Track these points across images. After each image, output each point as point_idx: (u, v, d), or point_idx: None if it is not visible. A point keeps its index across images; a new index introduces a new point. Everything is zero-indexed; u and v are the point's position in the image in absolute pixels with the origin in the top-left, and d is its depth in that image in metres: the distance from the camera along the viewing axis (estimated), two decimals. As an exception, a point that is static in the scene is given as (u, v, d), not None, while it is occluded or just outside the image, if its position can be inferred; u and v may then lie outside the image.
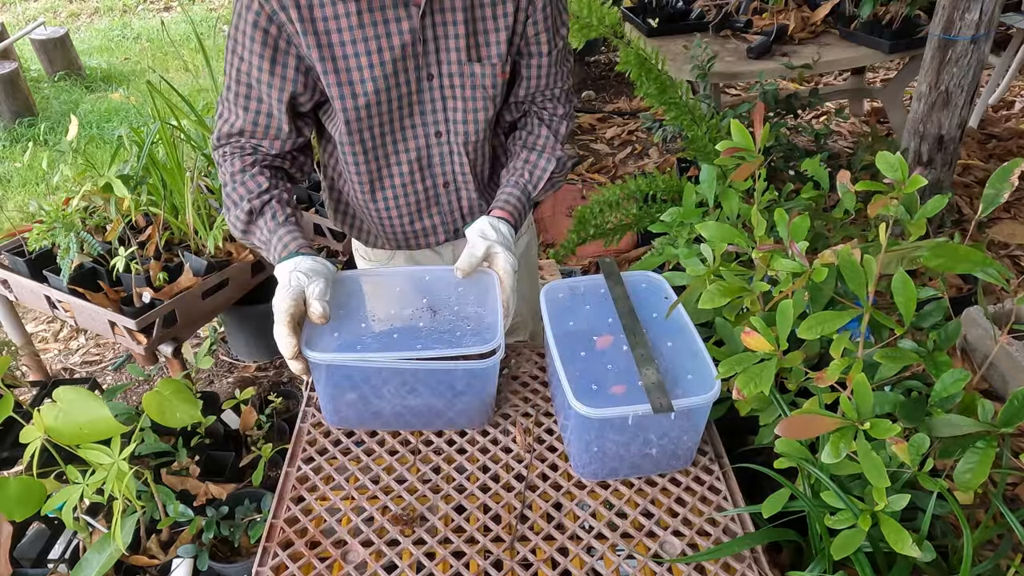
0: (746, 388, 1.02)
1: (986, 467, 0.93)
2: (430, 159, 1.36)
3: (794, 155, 2.51)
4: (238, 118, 1.25)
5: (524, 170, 1.37)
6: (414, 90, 1.27)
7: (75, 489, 1.28)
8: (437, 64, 1.25)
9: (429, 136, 1.33)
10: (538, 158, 1.38)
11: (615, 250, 3.12)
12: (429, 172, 1.37)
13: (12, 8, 6.82)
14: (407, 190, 1.38)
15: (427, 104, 1.29)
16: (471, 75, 1.27)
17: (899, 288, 0.98)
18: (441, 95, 1.29)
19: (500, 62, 1.28)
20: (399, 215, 1.42)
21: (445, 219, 1.46)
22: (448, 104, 1.30)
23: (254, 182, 1.24)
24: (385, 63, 1.21)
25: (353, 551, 1.06)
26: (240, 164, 1.26)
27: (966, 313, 1.93)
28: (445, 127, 1.32)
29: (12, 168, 4.09)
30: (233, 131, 1.26)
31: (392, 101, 1.26)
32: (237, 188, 1.25)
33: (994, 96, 3.97)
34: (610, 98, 4.75)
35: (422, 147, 1.34)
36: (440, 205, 1.43)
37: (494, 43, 1.26)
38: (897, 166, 1.04)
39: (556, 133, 1.39)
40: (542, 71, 1.34)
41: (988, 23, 2.24)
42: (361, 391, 1.18)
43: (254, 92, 1.22)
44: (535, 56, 1.32)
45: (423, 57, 1.23)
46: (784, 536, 1.11)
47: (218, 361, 2.75)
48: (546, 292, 1.26)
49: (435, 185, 1.40)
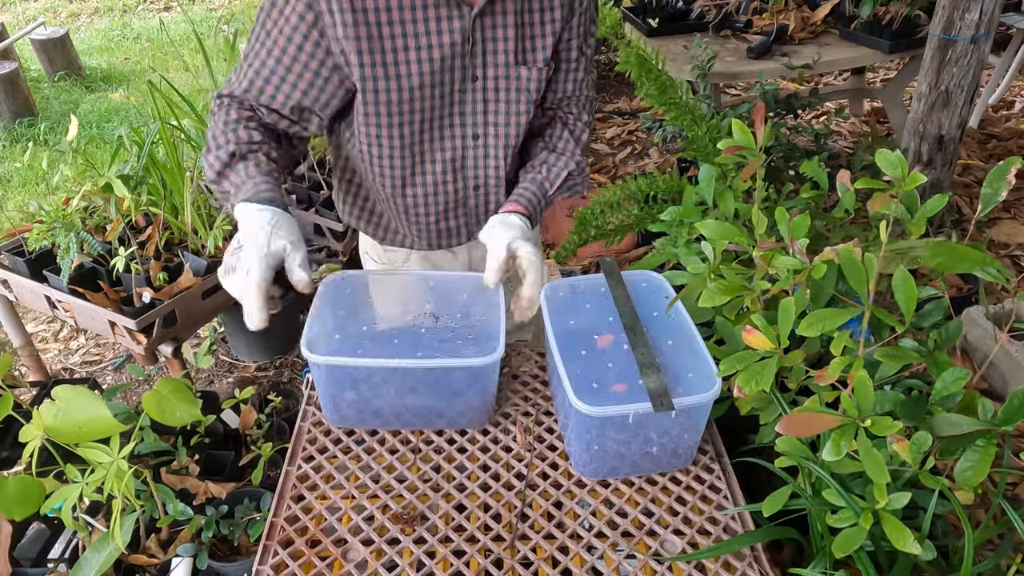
0: (747, 386, 1.02)
1: (986, 465, 0.93)
2: (464, 160, 1.35)
3: (794, 155, 2.51)
4: (249, 83, 1.20)
5: (541, 168, 1.37)
6: (456, 90, 1.26)
7: (74, 488, 1.28)
8: (483, 67, 1.25)
9: (467, 138, 1.33)
10: (556, 159, 1.38)
11: (616, 250, 3.12)
12: (462, 174, 1.37)
13: (12, 8, 6.82)
14: (438, 190, 1.37)
15: (468, 106, 1.29)
16: (516, 78, 1.27)
17: (900, 287, 0.98)
18: (483, 98, 1.29)
19: (545, 66, 1.28)
20: (427, 213, 1.40)
21: (470, 221, 1.46)
22: (489, 107, 1.30)
23: (246, 132, 1.17)
24: (433, 60, 1.20)
25: (353, 549, 1.06)
26: (236, 115, 1.19)
27: (966, 313, 1.93)
28: (483, 130, 1.33)
29: (12, 168, 4.09)
30: (237, 93, 1.22)
31: (435, 99, 1.25)
32: (227, 133, 1.17)
33: (994, 96, 3.97)
34: (610, 98, 4.75)
35: (458, 148, 1.33)
36: (468, 207, 1.43)
37: (540, 47, 1.27)
38: (897, 164, 1.04)
39: (577, 139, 1.40)
40: (571, 76, 1.36)
41: (988, 23, 2.24)
42: (361, 391, 1.18)
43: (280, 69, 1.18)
44: (566, 62, 1.33)
45: (470, 58, 1.23)
46: (785, 534, 1.11)
47: (218, 361, 2.75)
48: (546, 291, 1.26)
49: (465, 188, 1.39)
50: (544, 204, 1.36)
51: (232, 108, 1.21)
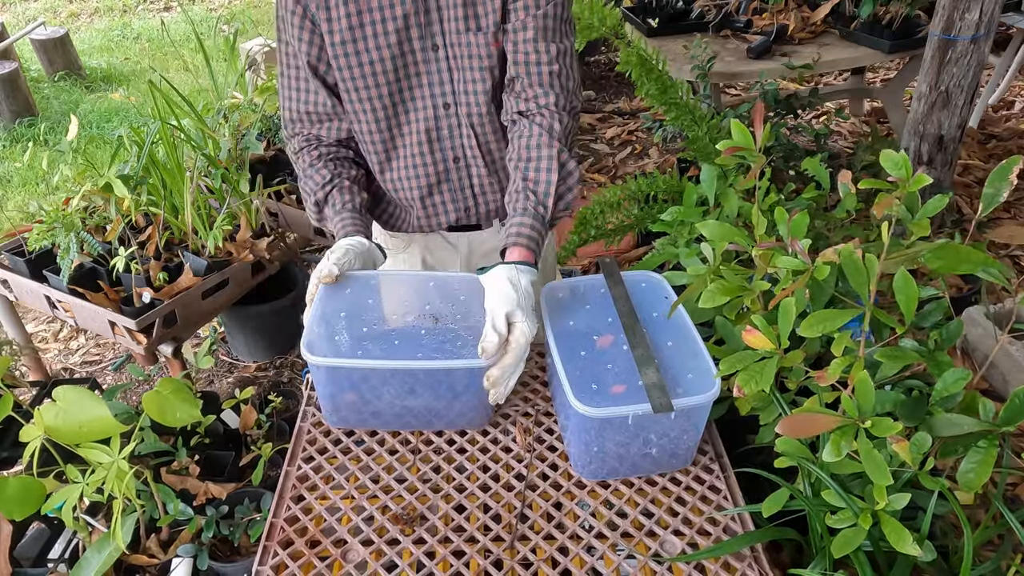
0: (746, 386, 1.02)
1: (988, 467, 0.93)
2: (439, 131, 1.37)
3: (794, 155, 2.51)
4: (293, 101, 1.37)
5: (526, 192, 1.27)
6: (419, 60, 1.31)
7: (75, 488, 1.28)
8: (442, 35, 1.28)
9: (438, 108, 1.35)
10: (536, 172, 1.27)
11: (615, 250, 3.12)
12: (439, 145, 1.39)
13: (12, 8, 6.82)
14: (417, 162, 1.40)
15: (434, 75, 1.32)
16: (468, 44, 1.28)
17: (900, 287, 0.98)
18: (448, 66, 1.31)
19: (496, 29, 1.27)
20: (410, 188, 1.43)
21: (455, 196, 1.46)
22: (454, 76, 1.32)
23: (319, 175, 1.36)
24: (389, 33, 1.26)
25: (353, 550, 1.06)
26: (309, 159, 1.37)
27: (967, 313, 1.93)
28: (452, 99, 1.34)
29: (12, 168, 4.09)
30: (293, 117, 1.38)
31: (399, 69, 1.31)
32: (307, 182, 1.37)
33: (994, 96, 3.97)
34: (610, 98, 4.75)
35: (430, 118, 1.36)
36: (450, 182, 1.43)
37: (490, 11, 1.26)
38: (901, 164, 1.04)
39: (550, 130, 1.27)
40: (520, 37, 1.26)
41: (988, 23, 2.24)
42: (361, 391, 1.17)
43: (301, 72, 1.33)
44: (514, 23, 1.26)
45: (427, 27, 1.27)
46: (784, 535, 1.11)
47: (218, 361, 2.75)
48: (546, 292, 1.26)
49: (445, 159, 1.41)
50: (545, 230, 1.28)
51: (305, 152, 1.38)
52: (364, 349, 1.13)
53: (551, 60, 1.28)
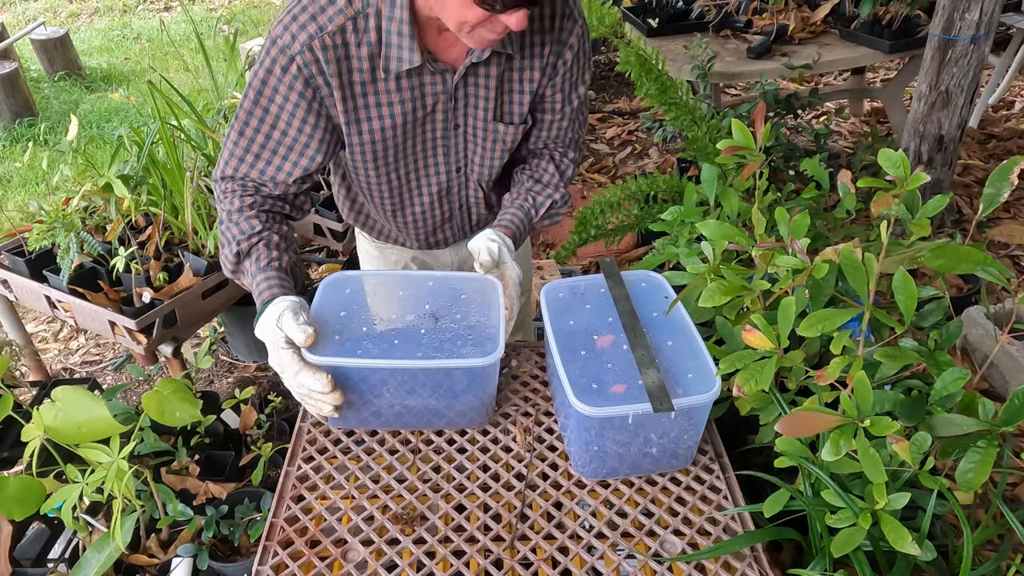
0: (746, 385, 1.02)
1: (988, 466, 0.93)
2: (449, 190, 1.44)
3: (794, 155, 2.52)
4: (250, 166, 1.24)
5: (528, 196, 1.41)
6: (439, 136, 1.33)
7: (75, 488, 1.28)
8: (464, 117, 1.32)
9: (451, 172, 1.41)
10: (542, 189, 1.42)
11: (615, 250, 3.12)
12: (448, 199, 1.46)
13: (12, 8, 6.82)
14: (426, 214, 1.47)
15: (451, 147, 1.36)
16: (494, 131, 1.33)
17: (900, 287, 0.98)
18: (464, 140, 1.36)
19: (522, 123, 1.35)
20: (417, 229, 1.50)
21: (455, 231, 1.56)
22: (470, 147, 1.37)
23: (247, 224, 1.23)
24: (418, 120, 1.28)
25: (353, 550, 1.06)
26: (239, 204, 1.25)
27: (966, 313, 1.94)
28: (465, 163, 1.40)
29: (12, 168, 4.09)
30: (238, 175, 1.26)
31: (418, 146, 1.33)
32: (231, 228, 1.24)
33: (994, 96, 3.97)
34: (610, 98, 4.75)
35: (443, 182, 1.41)
36: (454, 221, 1.52)
37: (517, 104, 1.32)
38: (900, 163, 1.04)
39: (562, 173, 1.44)
40: (555, 126, 1.40)
41: (988, 23, 2.24)
42: (361, 391, 1.17)
43: (282, 148, 1.23)
44: (551, 112, 1.37)
45: (452, 112, 1.30)
46: (784, 535, 1.11)
47: (218, 361, 2.75)
48: (546, 291, 1.26)
49: (451, 209, 1.49)
50: (528, 230, 1.41)
51: (235, 196, 1.26)
52: (364, 348, 1.13)
53: (576, 128, 1.43)
